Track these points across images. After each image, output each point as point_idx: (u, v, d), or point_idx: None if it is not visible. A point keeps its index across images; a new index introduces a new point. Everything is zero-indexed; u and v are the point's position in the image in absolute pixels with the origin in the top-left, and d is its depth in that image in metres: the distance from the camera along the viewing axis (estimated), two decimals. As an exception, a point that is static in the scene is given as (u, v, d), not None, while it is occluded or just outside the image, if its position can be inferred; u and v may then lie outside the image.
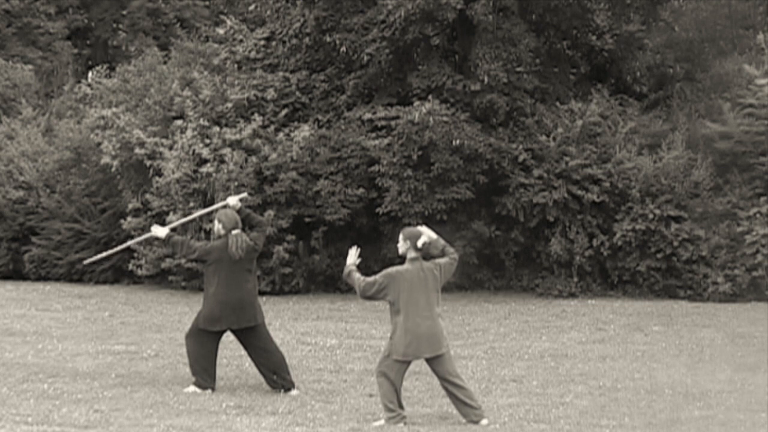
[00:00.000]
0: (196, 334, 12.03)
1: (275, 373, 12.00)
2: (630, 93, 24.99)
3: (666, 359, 14.42)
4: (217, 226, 12.08)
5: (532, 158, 22.37)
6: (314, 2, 23.30)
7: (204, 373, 11.98)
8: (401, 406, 10.36)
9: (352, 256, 10.82)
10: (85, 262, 16.83)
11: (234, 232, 11.95)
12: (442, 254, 10.49)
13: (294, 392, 11.88)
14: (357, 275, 10.62)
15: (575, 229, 21.98)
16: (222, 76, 23.97)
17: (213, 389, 11.92)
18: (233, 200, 12.32)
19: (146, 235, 13.27)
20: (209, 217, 21.56)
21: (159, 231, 12.35)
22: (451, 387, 10.33)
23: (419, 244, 10.33)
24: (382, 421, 10.31)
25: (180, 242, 12.26)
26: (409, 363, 10.39)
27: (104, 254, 14.33)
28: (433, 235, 10.48)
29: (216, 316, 11.89)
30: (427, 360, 10.36)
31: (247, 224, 12.26)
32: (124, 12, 44.86)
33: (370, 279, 10.52)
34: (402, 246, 10.48)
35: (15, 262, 26.02)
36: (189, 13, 44.61)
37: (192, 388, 11.92)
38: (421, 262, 10.37)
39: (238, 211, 12.17)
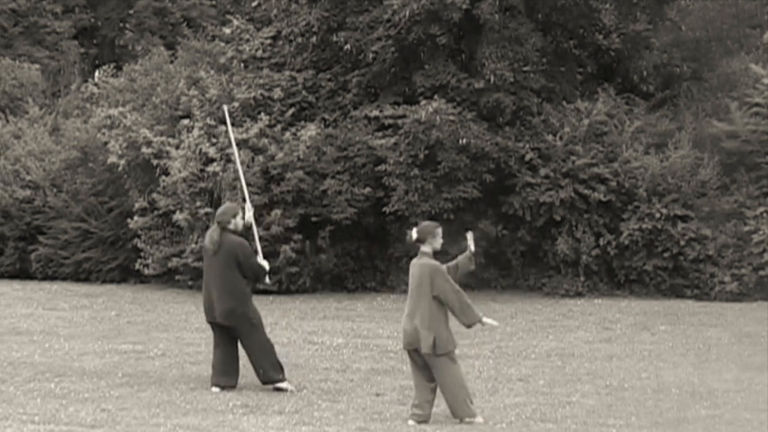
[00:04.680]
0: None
1: None
2: (637, 92, 24.94)
3: (673, 358, 14.42)
4: None
5: (538, 157, 22.36)
6: (319, 1, 23.33)
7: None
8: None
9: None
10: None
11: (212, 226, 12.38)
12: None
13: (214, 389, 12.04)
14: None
15: (582, 229, 21.97)
16: (228, 75, 23.98)
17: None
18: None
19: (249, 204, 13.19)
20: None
21: (249, 215, 12.75)
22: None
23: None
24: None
25: None
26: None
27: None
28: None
29: (205, 308, 12.34)
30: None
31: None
32: (131, 11, 44.89)
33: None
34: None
35: (22, 261, 26.02)
36: (195, 12, 44.64)
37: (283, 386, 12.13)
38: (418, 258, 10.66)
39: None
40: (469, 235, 10.83)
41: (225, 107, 15.32)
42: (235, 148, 14.84)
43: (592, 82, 24.96)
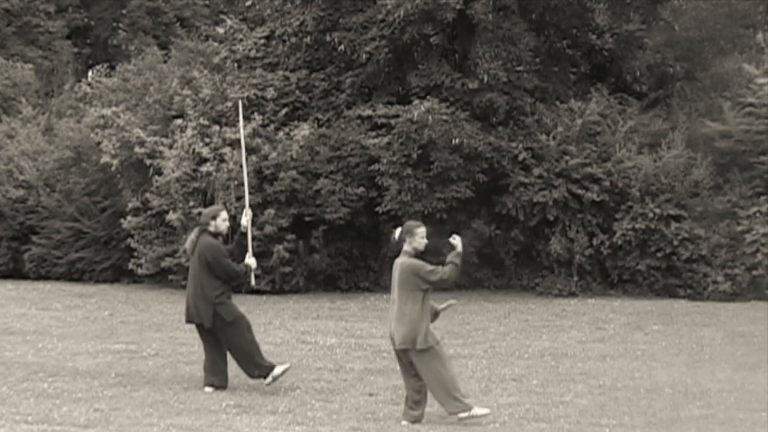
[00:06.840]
0: None
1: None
2: (630, 92, 24.95)
3: (666, 358, 14.43)
4: None
5: (532, 157, 22.37)
6: (313, 1, 23.33)
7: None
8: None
9: None
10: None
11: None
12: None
13: (209, 389, 12.02)
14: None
15: (575, 228, 21.98)
16: (222, 75, 23.95)
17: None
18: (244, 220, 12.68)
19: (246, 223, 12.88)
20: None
21: (245, 219, 12.65)
22: None
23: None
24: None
25: None
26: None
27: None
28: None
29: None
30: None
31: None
32: (124, 11, 44.86)
33: None
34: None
35: (15, 261, 26.00)
36: (189, 12, 44.62)
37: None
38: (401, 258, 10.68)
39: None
40: (452, 301, 11.31)
41: (240, 101, 15.30)
42: (243, 148, 14.77)
43: (586, 82, 24.98)
